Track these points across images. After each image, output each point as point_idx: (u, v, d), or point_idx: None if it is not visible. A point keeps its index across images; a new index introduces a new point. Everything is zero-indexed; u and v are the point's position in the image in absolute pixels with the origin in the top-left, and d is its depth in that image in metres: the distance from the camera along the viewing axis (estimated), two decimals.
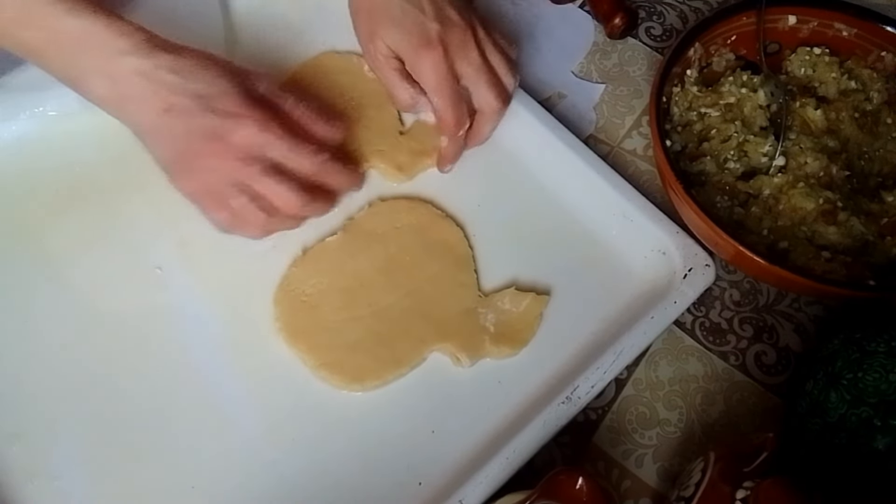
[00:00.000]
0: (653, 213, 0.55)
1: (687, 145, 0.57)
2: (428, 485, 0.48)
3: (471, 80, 0.54)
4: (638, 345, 0.51)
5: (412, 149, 0.58)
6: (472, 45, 0.53)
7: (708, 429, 0.51)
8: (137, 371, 0.50)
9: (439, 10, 0.53)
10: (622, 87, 0.65)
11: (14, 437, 0.48)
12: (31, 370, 0.50)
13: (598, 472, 0.49)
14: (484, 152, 0.60)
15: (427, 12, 0.52)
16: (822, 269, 0.51)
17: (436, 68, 0.52)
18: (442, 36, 0.52)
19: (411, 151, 0.58)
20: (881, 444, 0.44)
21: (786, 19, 0.61)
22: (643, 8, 0.70)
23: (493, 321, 0.52)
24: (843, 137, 0.57)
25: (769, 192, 0.54)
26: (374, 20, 0.54)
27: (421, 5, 0.53)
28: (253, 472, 0.48)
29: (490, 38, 0.55)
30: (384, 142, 0.59)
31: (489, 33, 0.55)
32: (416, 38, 0.52)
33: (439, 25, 0.52)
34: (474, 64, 0.53)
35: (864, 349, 0.46)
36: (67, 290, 0.53)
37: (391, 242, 0.55)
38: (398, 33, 0.52)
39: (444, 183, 0.58)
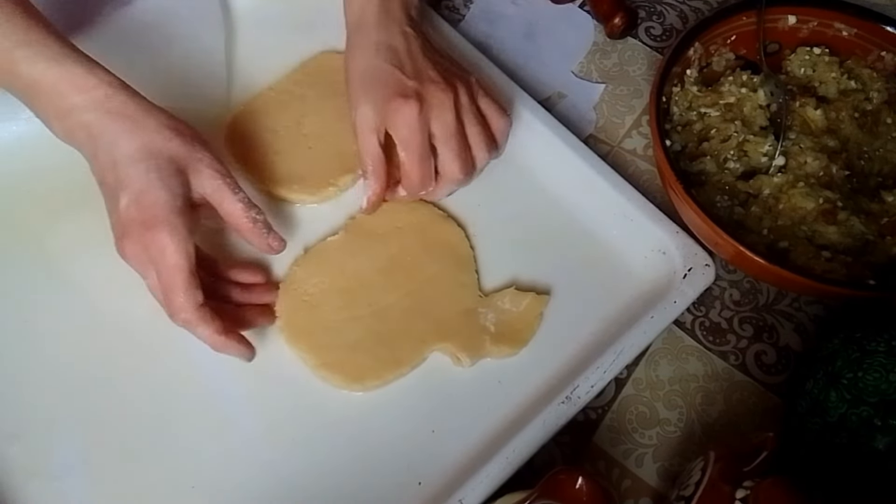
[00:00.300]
0: (653, 213, 0.55)
1: (687, 145, 0.57)
2: (428, 484, 0.48)
3: (440, 141, 0.52)
4: (638, 344, 0.51)
5: None
6: (449, 107, 0.51)
7: (708, 428, 0.51)
8: (137, 371, 0.50)
9: (419, 70, 0.52)
10: (622, 86, 0.65)
11: (14, 437, 0.48)
12: (31, 370, 0.50)
13: (598, 472, 0.49)
14: None
15: (406, 71, 0.52)
16: (822, 269, 0.51)
17: (409, 121, 0.50)
18: (419, 91, 0.51)
19: None
20: (881, 444, 0.44)
21: (786, 19, 0.61)
22: (643, 8, 0.70)
23: (493, 321, 0.52)
24: (843, 137, 0.57)
25: (769, 192, 0.54)
26: (358, 84, 0.53)
27: (401, 65, 0.52)
28: (253, 471, 0.48)
29: (474, 105, 0.53)
30: None
31: (474, 101, 0.54)
32: (390, 92, 0.51)
33: (417, 82, 0.51)
34: (448, 126, 0.51)
35: (865, 349, 0.46)
36: (67, 290, 0.53)
37: (392, 242, 0.55)
38: (377, 92, 0.51)
39: None
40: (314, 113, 0.60)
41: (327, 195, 0.57)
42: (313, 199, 0.57)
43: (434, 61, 0.54)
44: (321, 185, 0.57)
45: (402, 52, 0.53)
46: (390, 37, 0.53)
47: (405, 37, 0.54)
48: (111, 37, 0.60)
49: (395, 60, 0.52)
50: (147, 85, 0.59)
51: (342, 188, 0.57)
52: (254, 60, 0.62)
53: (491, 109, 0.55)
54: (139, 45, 0.60)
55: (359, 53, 0.54)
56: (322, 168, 0.58)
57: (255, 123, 0.59)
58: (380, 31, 0.53)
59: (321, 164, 0.58)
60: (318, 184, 0.57)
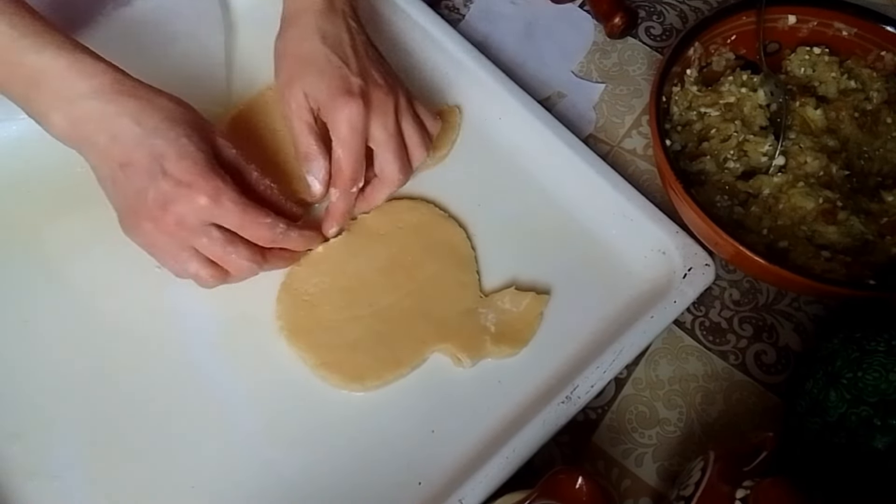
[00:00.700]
0: (653, 213, 0.55)
1: (687, 145, 0.57)
2: (428, 484, 0.48)
3: (380, 144, 0.52)
4: (638, 344, 0.51)
5: None
6: (390, 110, 0.52)
7: (707, 428, 0.51)
8: (137, 370, 0.50)
9: (364, 68, 0.52)
10: (622, 86, 0.65)
11: (14, 437, 0.48)
12: (31, 370, 0.50)
13: (597, 472, 0.50)
14: (484, 152, 0.60)
15: (352, 67, 0.51)
16: (821, 269, 0.51)
17: (350, 120, 0.50)
18: (363, 91, 0.50)
19: None
20: (881, 444, 0.44)
21: (785, 19, 0.61)
22: (643, 7, 0.70)
23: (493, 321, 0.52)
24: (842, 137, 0.57)
25: (769, 192, 0.54)
26: (297, 67, 0.52)
27: (346, 59, 0.52)
28: (253, 471, 0.48)
29: (410, 108, 0.53)
30: None
31: (411, 103, 0.54)
32: (335, 86, 0.50)
33: (362, 81, 0.51)
34: (388, 129, 0.52)
35: (864, 348, 0.46)
36: (67, 289, 0.53)
37: (393, 242, 0.55)
38: (320, 81, 0.51)
39: (445, 183, 0.58)
40: None
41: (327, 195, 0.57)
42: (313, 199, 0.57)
43: (376, 61, 0.54)
44: None
45: (347, 45, 0.53)
46: (336, 28, 0.53)
47: (350, 30, 0.53)
48: (111, 36, 0.60)
49: (341, 53, 0.52)
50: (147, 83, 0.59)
51: None
52: (254, 60, 0.62)
53: (424, 112, 0.55)
54: (139, 44, 0.60)
55: (301, 37, 0.53)
56: None
57: (254, 123, 0.59)
58: (325, 19, 0.53)
59: None
60: None
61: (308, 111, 0.52)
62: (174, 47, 0.61)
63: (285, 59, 0.53)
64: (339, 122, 0.50)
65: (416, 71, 0.63)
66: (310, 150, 0.52)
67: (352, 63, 0.52)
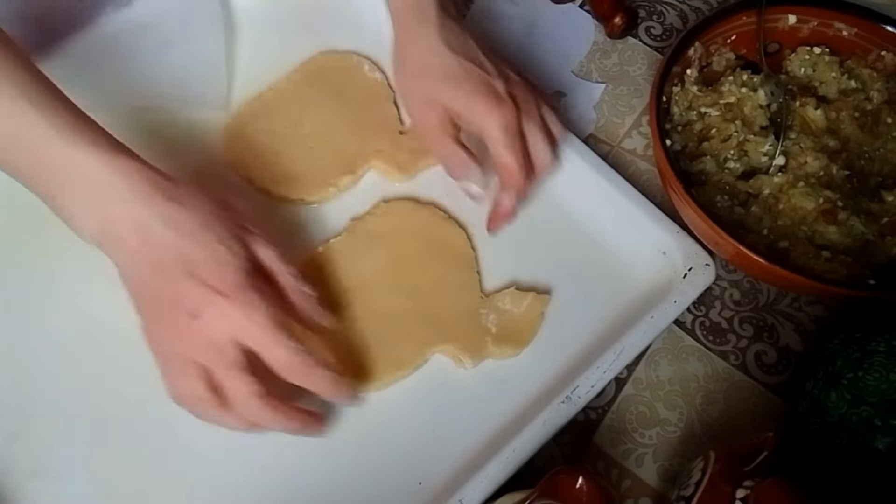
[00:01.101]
0: (653, 213, 0.55)
1: (687, 145, 0.57)
2: (428, 484, 0.48)
3: (534, 137, 0.52)
4: (638, 344, 0.51)
5: (412, 148, 0.58)
6: (533, 102, 0.51)
7: (708, 428, 0.51)
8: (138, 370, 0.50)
9: (499, 69, 0.51)
10: (622, 86, 0.65)
11: (14, 437, 0.48)
12: (32, 370, 0.50)
13: (598, 472, 0.49)
14: None
15: (489, 70, 0.50)
16: (822, 269, 0.51)
17: (507, 124, 0.49)
18: (509, 92, 0.50)
19: (411, 150, 0.58)
20: (881, 444, 0.44)
21: (786, 19, 0.61)
22: (643, 7, 0.70)
23: (494, 322, 0.52)
24: (843, 137, 0.57)
25: (769, 192, 0.54)
26: (433, 82, 0.51)
27: (482, 63, 0.50)
28: (253, 471, 0.48)
29: (542, 98, 0.54)
30: (384, 141, 0.59)
31: (539, 93, 0.54)
32: (483, 95, 0.49)
33: (504, 82, 0.50)
34: (537, 121, 0.52)
35: (865, 349, 0.46)
36: (68, 289, 0.53)
37: (393, 244, 0.55)
38: (463, 92, 0.49)
39: (446, 184, 0.58)
40: (314, 113, 0.60)
41: (327, 195, 0.57)
42: (313, 199, 0.57)
43: (499, 58, 0.53)
44: (321, 185, 0.57)
45: (475, 49, 0.51)
46: (458, 34, 0.52)
47: (468, 34, 0.52)
48: (111, 38, 0.60)
49: (474, 59, 0.51)
50: (147, 86, 0.59)
51: (342, 188, 0.57)
52: (254, 60, 0.62)
53: (545, 97, 0.55)
54: (139, 45, 0.60)
55: (425, 50, 0.51)
56: (322, 168, 0.58)
57: (254, 124, 0.59)
58: (444, 29, 0.51)
59: (321, 164, 0.58)
60: (318, 184, 0.57)
61: (451, 125, 0.51)
62: (174, 48, 0.61)
63: (415, 78, 0.52)
64: (496, 129, 0.50)
65: None
66: (466, 162, 0.52)
67: (487, 66, 0.51)
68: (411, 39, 0.52)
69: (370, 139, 0.59)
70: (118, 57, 0.60)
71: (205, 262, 0.43)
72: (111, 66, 0.59)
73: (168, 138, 0.58)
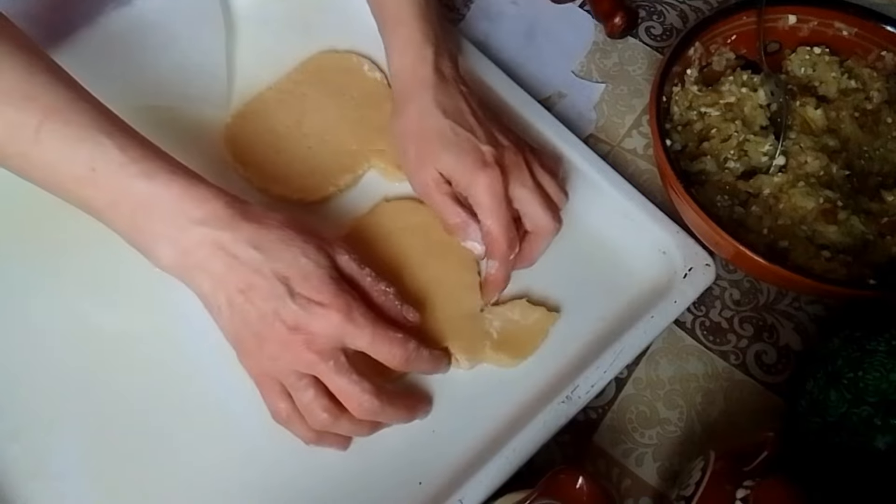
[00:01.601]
0: (653, 213, 0.55)
1: (687, 144, 0.57)
2: (428, 484, 0.48)
3: (524, 201, 0.51)
4: (638, 344, 0.51)
5: None
6: (524, 166, 0.51)
7: (708, 428, 0.51)
8: (138, 370, 0.50)
9: (490, 134, 0.52)
10: (622, 86, 0.65)
11: (14, 437, 0.48)
12: (31, 370, 0.50)
13: (598, 471, 0.49)
14: None
15: (479, 135, 0.51)
16: (822, 269, 0.51)
17: (491, 189, 0.49)
18: (497, 157, 0.50)
19: None
20: (881, 444, 0.44)
21: (786, 18, 0.61)
22: (643, 7, 0.70)
23: (497, 328, 0.52)
24: (843, 137, 0.57)
25: (769, 192, 0.54)
26: (425, 145, 0.51)
27: (472, 128, 0.51)
28: (253, 471, 0.48)
29: (536, 158, 0.53)
30: (384, 140, 0.58)
31: (534, 153, 0.54)
32: (470, 159, 0.50)
33: (492, 148, 0.50)
34: (528, 185, 0.51)
35: (865, 348, 0.46)
36: (68, 289, 0.53)
37: (396, 243, 0.55)
38: (452, 156, 0.50)
39: None
40: (314, 113, 0.60)
41: (328, 195, 0.57)
42: (313, 199, 0.57)
43: (494, 121, 0.53)
44: (321, 185, 0.57)
45: (468, 114, 0.52)
46: (453, 98, 0.52)
47: (465, 97, 0.53)
48: (111, 37, 0.60)
49: (464, 123, 0.51)
50: (147, 85, 0.59)
51: (342, 188, 0.57)
52: (254, 60, 0.62)
53: (545, 155, 0.55)
54: (139, 45, 0.60)
55: (420, 113, 0.52)
56: (322, 168, 0.58)
57: (255, 123, 0.59)
58: (439, 92, 0.52)
59: (321, 164, 0.58)
60: (318, 184, 0.57)
61: (445, 184, 0.51)
62: (174, 48, 0.61)
63: (410, 138, 0.53)
64: (481, 194, 0.50)
65: None
66: (460, 218, 0.51)
67: (477, 131, 0.51)
68: (408, 100, 0.53)
69: (370, 139, 0.59)
70: (118, 56, 0.60)
71: (296, 277, 0.44)
72: (111, 66, 0.59)
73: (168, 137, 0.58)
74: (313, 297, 0.44)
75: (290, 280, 0.44)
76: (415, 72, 0.53)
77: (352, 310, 0.44)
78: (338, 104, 0.60)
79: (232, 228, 0.44)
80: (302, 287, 0.44)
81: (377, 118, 0.60)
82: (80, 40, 0.59)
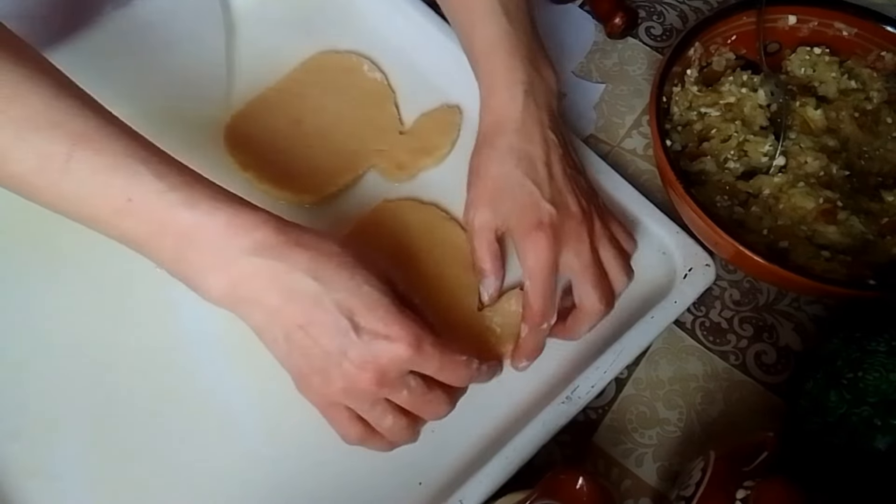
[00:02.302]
0: (653, 213, 0.55)
1: (687, 145, 0.57)
2: (428, 485, 0.48)
3: (576, 274, 0.49)
4: (638, 344, 0.51)
5: (412, 147, 0.58)
6: (584, 237, 0.49)
7: (708, 428, 0.51)
8: (138, 370, 0.50)
9: (559, 194, 0.49)
10: (622, 86, 0.65)
11: (14, 436, 0.48)
12: (32, 369, 0.50)
13: (598, 472, 0.50)
14: None
15: (545, 192, 0.48)
16: (821, 269, 0.51)
17: (539, 253, 0.47)
18: (554, 221, 0.48)
19: (412, 150, 0.58)
20: (881, 444, 0.44)
21: (786, 19, 0.61)
22: (643, 7, 0.70)
23: (499, 323, 0.52)
24: (842, 137, 0.57)
25: (769, 192, 0.54)
26: (489, 190, 0.50)
27: (540, 185, 0.49)
28: (253, 471, 0.48)
29: (607, 231, 0.51)
30: (384, 141, 0.59)
31: (607, 225, 0.51)
32: (527, 216, 0.48)
33: (554, 209, 0.48)
34: (584, 259, 0.48)
35: (865, 348, 0.46)
36: (68, 288, 0.53)
37: (396, 243, 0.55)
38: (511, 209, 0.49)
39: (446, 184, 0.58)
40: (314, 113, 0.60)
41: (328, 195, 0.57)
42: (313, 199, 0.57)
43: (571, 178, 0.51)
44: (321, 185, 0.57)
45: (541, 166, 0.49)
46: (531, 145, 0.50)
47: (546, 146, 0.50)
48: (111, 37, 0.60)
49: (534, 176, 0.49)
50: (147, 85, 0.59)
51: (342, 188, 0.57)
52: (254, 60, 0.62)
53: (620, 232, 0.52)
54: (139, 45, 0.60)
55: (494, 155, 0.50)
56: (322, 168, 0.58)
57: (255, 123, 0.59)
58: (521, 137, 0.50)
59: (321, 164, 0.58)
60: (318, 184, 0.57)
61: (491, 231, 0.50)
62: (174, 48, 0.61)
63: (478, 179, 0.51)
64: (528, 255, 0.48)
65: (416, 70, 0.63)
66: (485, 267, 0.51)
67: (544, 187, 0.49)
68: (486, 141, 0.51)
69: (371, 139, 0.59)
70: (118, 57, 0.60)
71: (360, 308, 0.41)
72: (111, 66, 0.59)
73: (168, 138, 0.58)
74: (380, 331, 0.41)
75: (353, 313, 0.41)
76: (504, 110, 0.51)
77: (421, 341, 0.42)
78: (338, 104, 0.60)
79: (285, 258, 0.41)
80: (367, 320, 0.41)
81: (377, 118, 0.60)
82: (80, 40, 0.59)
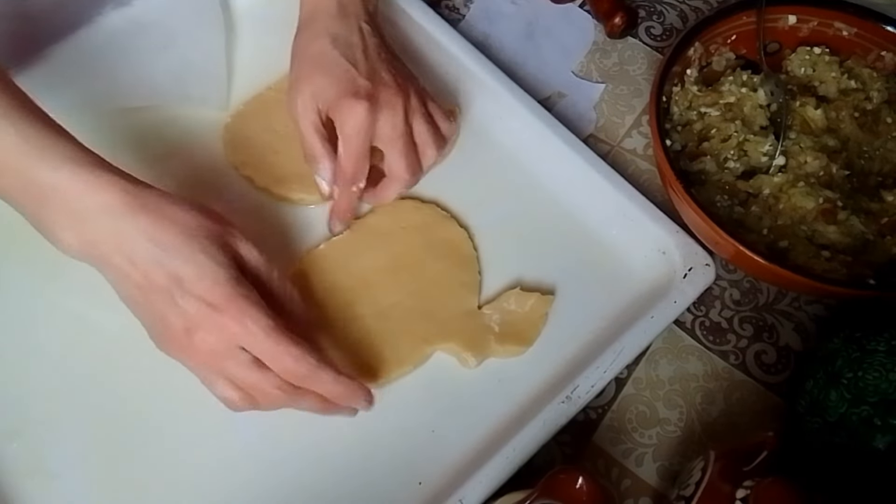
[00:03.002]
0: (653, 213, 0.55)
1: (687, 144, 0.57)
2: (428, 484, 0.48)
3: (386, 143, 0.52)
4: (638, 344, 0.51)
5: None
6: (399, 109, 0.51)
7: (708, 428, 0.51)
8: (137, 370, 0.50)
9: (373, 69, 0.52)
10: (622, 86, 0.65)
11: (13, 436, 0.48)
12: (31, 368, 0.50)
13: (597, 471, 0.49)
14: (484, 152, 0.60)
15: (360, 69, 0.52)
16: (821, 269, 0.51)
17: (355, 119, 0.50)
18: (370, 92, 0.51)
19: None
20: (881, 444, 0.44)
21: (786, 19, 0.61)
22: (643, 7, 0.70)
23: (497, 321, 0.52)
24: (842, 137, 0.57)
25: (769, 192, 0.54)
26: (307, 68, 0.53)
27: (355, 62, 0.52)
28: (253, 471, 0.48)
29: (422, 108, 0.53)
30: None
31: (423, 103, 0.54)
32: (342, 87, 0.51)
33: (369, 82, 0.51)
34: (396, 128, 0.51)
35: (865, 348, 0.46)
36: (68, 288, 0.53)
37: (395, 242, 0.55)
38: (327, 83, 0.51)
39: (446, 183, 0.58)
40: None
41: None
42: (313, 199, 0.57)
43: (388, 62, 0.54)
44: None
45: (357, 48, 0.53)
46: (348, 30, 0.53)
47: (362, 33, 0.54)
48: (111, 37, 0.60)
49: (350, 55, 0.52)
50: (147, 85, 0.59)
51: None
52: (254, 60, 0.62)
53: (438, 112, 0.55)
54: (139, 45, 0.60)
55: (312, 39, 0.53)
56: None
57: (254, 123, 0.59)
58: (336, 22, 0.53)
59: None
60: None
61: (314, 112, 0.52)
62: (174, 48, 0.61)
63: (297, 60, 0.54)
64: (344, 123, 0.51)
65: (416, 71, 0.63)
66: (315, 150, 0.53)
67: (360, 65, 0.52)
68: (305, 26, 0.55)
69: None
70: (118, 56, 0.60)
71: (191, 277, 0.42)
72: (110, 66, 0.59)
73: (168, 138, 0.58)
74: (205, 300, 0.42)
75: (185, 280, 0.42)
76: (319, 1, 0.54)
77: (245, 316, 0.42)
78: None
79: (129, 219, 0.43)
80: (195, 288, 0.42)
81: None
82: (80, 40, 0.59)
